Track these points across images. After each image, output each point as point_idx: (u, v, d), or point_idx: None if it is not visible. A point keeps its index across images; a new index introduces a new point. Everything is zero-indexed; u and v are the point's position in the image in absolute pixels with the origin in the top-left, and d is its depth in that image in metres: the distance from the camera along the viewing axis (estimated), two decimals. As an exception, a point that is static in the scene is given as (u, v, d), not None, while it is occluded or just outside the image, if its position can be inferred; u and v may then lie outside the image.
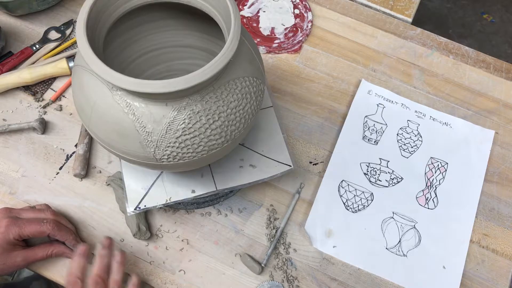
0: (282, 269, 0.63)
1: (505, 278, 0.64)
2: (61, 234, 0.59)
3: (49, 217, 0.59)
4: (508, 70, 0.80)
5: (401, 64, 0.79)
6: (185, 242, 0.64)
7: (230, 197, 0.67)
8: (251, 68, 0.51)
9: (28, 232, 0.57)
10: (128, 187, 0.61)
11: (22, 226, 0.57)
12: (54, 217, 0.60)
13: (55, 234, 0.58)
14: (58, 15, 0.80)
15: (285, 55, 0.79)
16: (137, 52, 0.63)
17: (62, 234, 0.59)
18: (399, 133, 0.73)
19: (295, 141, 0.72)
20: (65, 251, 0.60)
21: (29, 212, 0.60)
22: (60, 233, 0.59)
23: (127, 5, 0.53)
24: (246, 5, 0.84)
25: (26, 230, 0.57)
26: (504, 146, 0.73)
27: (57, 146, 0.69)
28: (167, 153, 0.48)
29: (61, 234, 0.59)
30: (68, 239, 0.60)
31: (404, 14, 0.85)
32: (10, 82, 0.71)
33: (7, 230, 0.56)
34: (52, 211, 0.61)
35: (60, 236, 0.59)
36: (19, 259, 0.57)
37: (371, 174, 0.70)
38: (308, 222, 0.66)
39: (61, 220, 0.60)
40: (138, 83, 0.43)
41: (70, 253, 0.60)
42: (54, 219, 0.59)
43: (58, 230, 0.58)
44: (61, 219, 0.61)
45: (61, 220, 0.61)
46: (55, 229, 0.58)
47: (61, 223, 0.60)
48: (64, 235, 0.59)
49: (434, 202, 0.69)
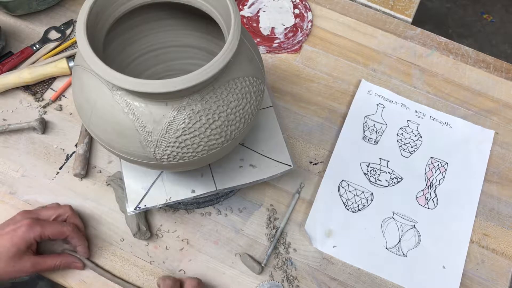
0: (282, 269, 0.63)
1: (505, 278, 0.64)
2: (78, 237, 0.59)
3: (69, 213, 0.60)
4: (508, 70, 0.80)
5: (401, 64, 0.79)
6: (185, 242, 0.64)
7: (230, 197, 0.67)
8: (251, 68, 0.51)
9: (49, 232, 0.57)
10: (128, 187, 0.61)
11: (44, 226, 0.57)
12: (72, 212, 0.60)
13: (73, 237, 0.58)
14: (58, 15, 0.80)
15: (285, 55, 0.79)
16: (137, 52, 0.63)
17: (79, 238, 0.59)
18: (399, 133, 0.73)
19: (295, 141, 0.72)
20: (74, 261, 0.60)
21: (48, 210, 0.60)
22: (78, 236, 0.59)
23: (127, 5, 0.53)
24: (246, 5, 0.84)
25: (48, 230, 0.57)
26: (504, 146, 0.73)
27: (57, 146, 0.69)
28: (167, 152, 0.48)
29: (78, 237, 0.59)
30: (82, 245, 0.60)
31: (404, 14, 0.85)
32: (10, 82, 0.71)
33: (28, 229, 0.56)
34: (70, 207, 0.61)
35: (77, 239, 0.59)
36: (28, 264, 0.56)
37: (371, 174, 0.70)
38: (308, 222, 0.66)
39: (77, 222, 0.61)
40: (138, 82, 0.43)
41: (79, 265, 0.60)
42: (74, 221, 0.60)
43: (76, 233, 0.59)
44: (77, 220, 0.61)
45: (77, 220, 0.61)
46: (74, 232, 0.58)
47: (79, 227, 0.60)
48: (80, 240, 0.59)
49: (434, 202, 0.69)
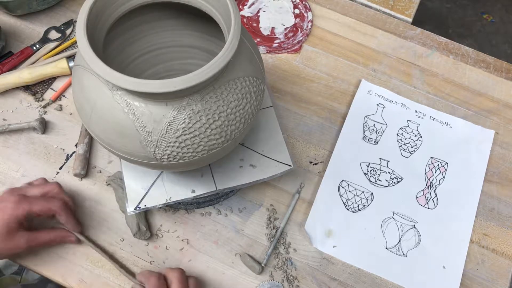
0: (282, 269, 0.63)
1: (505, 278, 0.64)
2: (66, 214, 0.58)
3: (56, 189, 0.59)
4: (508, 70, 0.80)
5: (401, 64, 0.79)
6: (185, 242, 0.64)
7: (230, 197, 0.67)
8: (251, 68, 0.51)
9: (36, 209, 0.55)
10: (128, 187, 0.61)
11: (32, 202, 0.55)
12: (60, 189, 0.59)
13: (61, 213, 0.57)
14: (58, 15, 0.80)
15: (285, 55, 0.79)
16: (137, 52, 0.63)
17: (67, 214, 0.58)
18: (399, 133, 0.73)
19: (295, 141, 0.72)
20: (68, 235, 0.59)
21: (35, 188, 0.59)
22: (66, 212, 0.58)
23: (127, 5, 0.53)
24: (246, 5, 0.84)
25: (35, 207, 0.55)
26: (504, 146, 0.73)
27: (57, 146, 0.69)
28: (167, 152, 0.48)
29: (67, 213, 0.58)
30: (71, 221, 0.59)
31: (404, 14, 0.85)
32: (10, 82, 0.71)
33: (16, 206, 0.55)
34: (58, 184, 0.60)
35: (65, 216, 0.58)
36: (23, 240, 0.55)
37: (371, 174, 0.70)
38: (308, 222, 0.66)
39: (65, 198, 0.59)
40: (138, 82, 0.43)
41: (73, 239, 0.60)
42: (62, 198, 0.59)
43: (64, 209, 0.57)
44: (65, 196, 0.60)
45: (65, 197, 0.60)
46: (62, 208, 0.57)
47: (67, 203, 0.59)
48: (68, 216, 0.58)
49: (434, 202, 0.69)
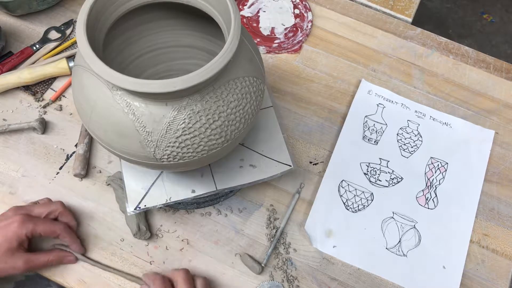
0: (282, 269, 0.63)
1: (505, 278, 0.64)
2: (70, 236, 0.59)
3: (60, 209, 0.59)
4: (508, 70, 0.80)
5: (401, 64, 0.79)
6: (185, 242, 0.64)
7: (230, 197, 0.67)
8: (251, 68, 0.51)
9: (41, 230, 0.56)
10: (128, 187, 0.61)
11: (36, 223, 0.56)
12: (64, 209, 0.60)
13: (65, 236, 0.58)
14: (58, 15, 0.80)
15: (285, 55, 0.79)
16: (137, 52, 0.63)
17: (71, 236, 0.59)
18: (399, 133, 0.73)
19: (295, 141, 0.72)
20: (66, 256, 0.60)
21: (40, 207, 0.59)
22: (70, 235, 0.59)
23: (127, 5, 0.53)
24: (246, 5, 0.84)
25: (40, 227, 0.56)
26: (504, 146, 0.73)
27: (57, 146, 0.69)
28: (167, 153, 0.48)
29: (70, 236, 0.59)
30: (75, 243, 0.60)
31: (404, 14, 0.85)
32: (10, 82, 0.71)
33: (21, 226, 0.55)
34: (62, 204, 0.60)
35: (69, 238, 0.59)
36: (21, 261, 0.55)
37: (371, 174, 0.70)
38: (308, 222, 0.66)
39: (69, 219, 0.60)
40: (138, 83, 0.43)
41: (72, 258, 0.60)
42: (67, 217, 0.59)
43: (68, 232, 0.58)
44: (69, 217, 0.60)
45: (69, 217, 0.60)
46: (65, 231, 0.58)
47: (70, 225, 0.60)
48: (72, 238, 0.59)
49: (434, 202, 0.69)
